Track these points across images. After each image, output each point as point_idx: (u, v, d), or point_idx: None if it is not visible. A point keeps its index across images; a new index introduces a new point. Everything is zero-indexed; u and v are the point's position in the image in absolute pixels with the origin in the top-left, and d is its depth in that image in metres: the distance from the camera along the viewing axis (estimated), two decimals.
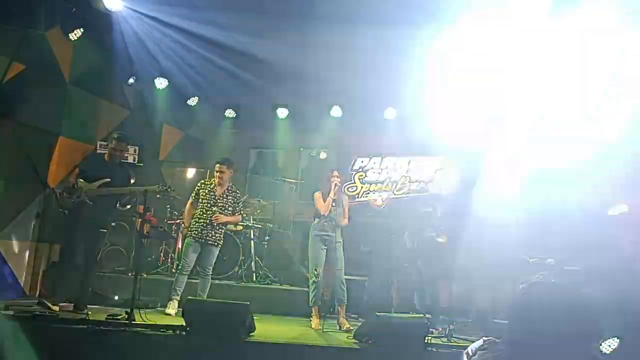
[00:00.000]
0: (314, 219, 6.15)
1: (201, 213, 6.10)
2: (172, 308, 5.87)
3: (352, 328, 5.55)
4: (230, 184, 6.28)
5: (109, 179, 5.53)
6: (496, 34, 6.14)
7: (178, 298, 5.98)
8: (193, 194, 6.22)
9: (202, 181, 6.32)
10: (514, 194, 6.24)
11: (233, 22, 7.25)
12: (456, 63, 6.91)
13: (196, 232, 6.05)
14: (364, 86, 8.45)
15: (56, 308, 5.17)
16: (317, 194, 6.12)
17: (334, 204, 6.00)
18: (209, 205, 6.11)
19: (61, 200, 5.47)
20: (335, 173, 6.11)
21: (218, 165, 6.17)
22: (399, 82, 8.01)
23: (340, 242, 6.09)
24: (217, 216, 6.02)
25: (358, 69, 8.69)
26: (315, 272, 5.92)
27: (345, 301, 6.01)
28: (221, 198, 6.17)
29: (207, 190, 6.18)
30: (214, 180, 6.23)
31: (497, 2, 5.73)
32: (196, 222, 6.09)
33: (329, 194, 5.99)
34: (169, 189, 5.62)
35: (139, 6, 6.22)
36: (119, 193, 5.58)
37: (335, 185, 5.99)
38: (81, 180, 5.48)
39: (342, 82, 9.00)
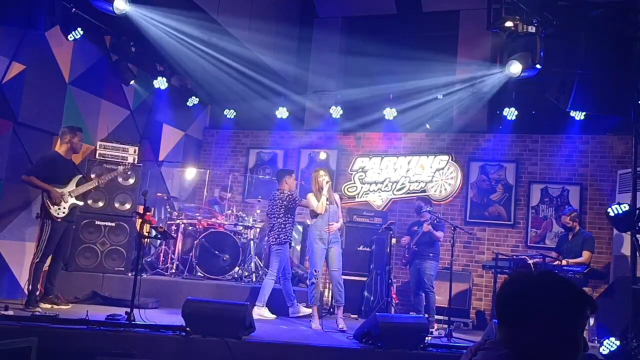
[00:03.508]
0: (311, 220, 6.15)
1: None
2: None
3: (346, 329, 5.56)
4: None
5: (81, 176, 5.83)
6: None
7: None
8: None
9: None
10: None
11: (234, 24, 7.27)
12: None
13: None
14: (364, 85, 8.47)
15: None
16: (310, 195, 6.12)
17: (328, 202, 6.00)
18: None
19: (57, 210, 5.53)
20: (322, 172, 6.12)
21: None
22: (399, 81, 8.07)
23: (337, 241, 6.08)
24: None
25: (358, 67, 8.73)
26: (315, 273, 5.92)
27: (343, 302, 5.99)
28: None
29: None
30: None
31: None
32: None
33: (320, 193, 5.99)
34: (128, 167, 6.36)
35: (139, 7, 6.21)
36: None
37: (327, 182, 5.99)
38: (67, 188, 5.64)
39: (343, 82, 9.04)
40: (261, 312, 6.18)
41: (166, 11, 6.52)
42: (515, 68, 5.89)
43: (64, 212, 5.56)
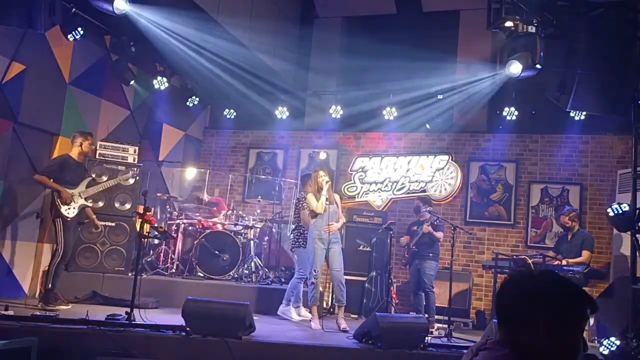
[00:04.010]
0: (311, 220, 6.15)
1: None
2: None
3: (348, 329, 5.56)
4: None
5: (91, 178, 6.10)
6: None
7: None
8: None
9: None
10: None
11: (234, 24, 7.27)
12: None
13: None
14: (364, 85, 8.47)
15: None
16: (310, 195, 6.12)
17: (327, 202, 6.01)
18: None
19: (67, 209, 5.67)
20: (322, 172, 6.13)
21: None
22: (399, 81, 8.07)
23: (337, 241, 6.08)
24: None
25: (358, 68, 8.72)
26: (315, 273, 5.93)
27: (344, 302, 5.99)
28: None
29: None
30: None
31: None
32: None
33: (320, 193, 6.00)
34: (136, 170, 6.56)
35: (139, 6, 6.21)
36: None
37: (327, 182, 6.00)
38: (78, 189, 5.80)
39: (343, 82, 9.04)
40: (283, 311, 6.30)
41: (166, 10, 6.51)
42: (515, 68, 5.88)
43: (74, 212, 5.73)
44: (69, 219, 5.68)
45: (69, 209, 5.68)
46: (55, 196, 5.67)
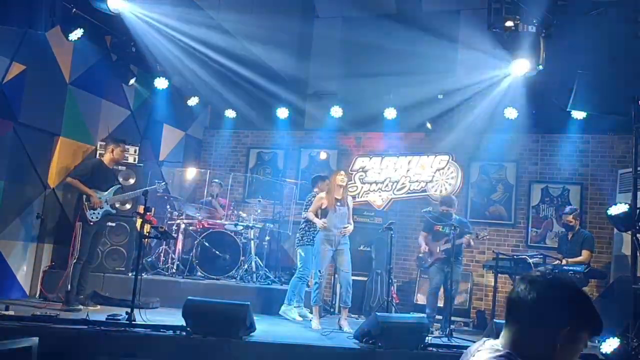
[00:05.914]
0: (321, 219, 6.13)
1: None
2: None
3: (352, 331, 5.56)
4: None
5: (119, 186, 6.19)
6: None
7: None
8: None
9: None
10: None
11: (234, 24, 7.28)
12: None
13: None
14: (365, 85, 8.47)
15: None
16: (323, 194, 6.13)
17: (339, 203, 6.00)
18: None
19: (92, 214, 5.75)
20: (342, 172, 6.18)
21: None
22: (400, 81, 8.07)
23: (346, 243, 6.07)
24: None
25: (358, 67, 8.72)
26: (319, 273, 5.92)
27: (350, 304, 6.00)
28: None
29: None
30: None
31: None
32: None
33: (333, 190, 6.01)
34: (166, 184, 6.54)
35: (140, 6, 6.21)
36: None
37: (342, 181, 6.01)
38: (104, 193, 5.89)
39: (343, 82, 9.03)
40: (284, 311, 6.28)
41: (165, 10, 6.51)
42: (517, 68, 5.88)
43: (97, 217, 5.81)
44: (91, 223, 5.75)
45: (94, 213, 5.76)
46: (84, 199, 5.74)
